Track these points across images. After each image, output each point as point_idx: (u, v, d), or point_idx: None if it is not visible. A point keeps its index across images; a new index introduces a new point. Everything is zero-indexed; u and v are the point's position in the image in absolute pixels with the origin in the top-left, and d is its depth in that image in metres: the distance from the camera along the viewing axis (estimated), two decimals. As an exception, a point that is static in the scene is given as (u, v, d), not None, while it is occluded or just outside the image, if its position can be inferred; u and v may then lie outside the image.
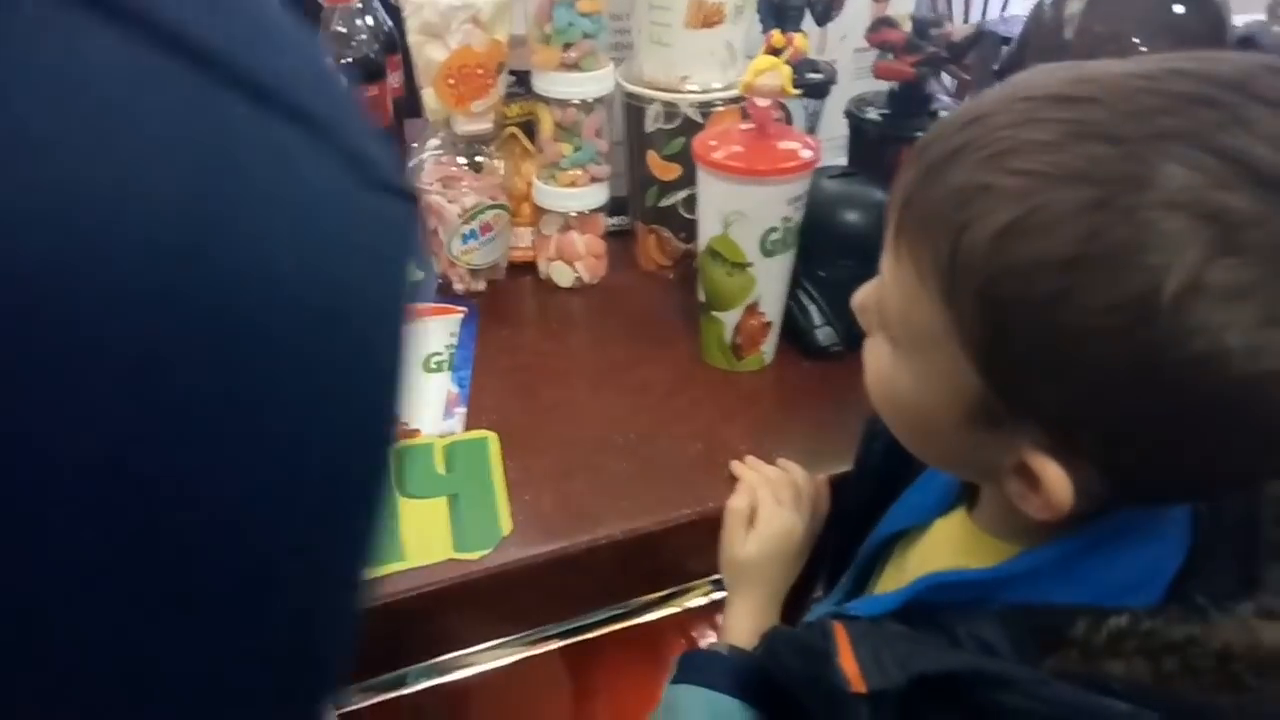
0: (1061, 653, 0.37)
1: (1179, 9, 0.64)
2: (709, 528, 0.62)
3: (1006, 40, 0.81)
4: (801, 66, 0.81)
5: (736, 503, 0.60)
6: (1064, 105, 0.34)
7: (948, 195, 0.35)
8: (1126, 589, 0.39)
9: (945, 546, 0.48)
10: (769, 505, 0.59)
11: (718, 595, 0.69)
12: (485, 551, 0.58)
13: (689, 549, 0.62)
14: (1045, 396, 0.35)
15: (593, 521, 0.60)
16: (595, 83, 0.77)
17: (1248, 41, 0.67)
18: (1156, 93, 0.33)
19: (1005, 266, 0.34)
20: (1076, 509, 0.37)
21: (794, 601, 0.69)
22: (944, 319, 0.37)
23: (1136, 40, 0.65)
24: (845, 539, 0.59)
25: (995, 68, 0.73)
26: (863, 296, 0.45)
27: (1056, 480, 0.36)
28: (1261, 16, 0.71)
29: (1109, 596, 0.39)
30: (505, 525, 0.60)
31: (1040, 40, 0.69)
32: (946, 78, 0.82)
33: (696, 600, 0.69)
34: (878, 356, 0.43)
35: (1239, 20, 0.68)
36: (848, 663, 0.39)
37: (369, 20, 0.88)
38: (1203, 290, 0.31)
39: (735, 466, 0.63)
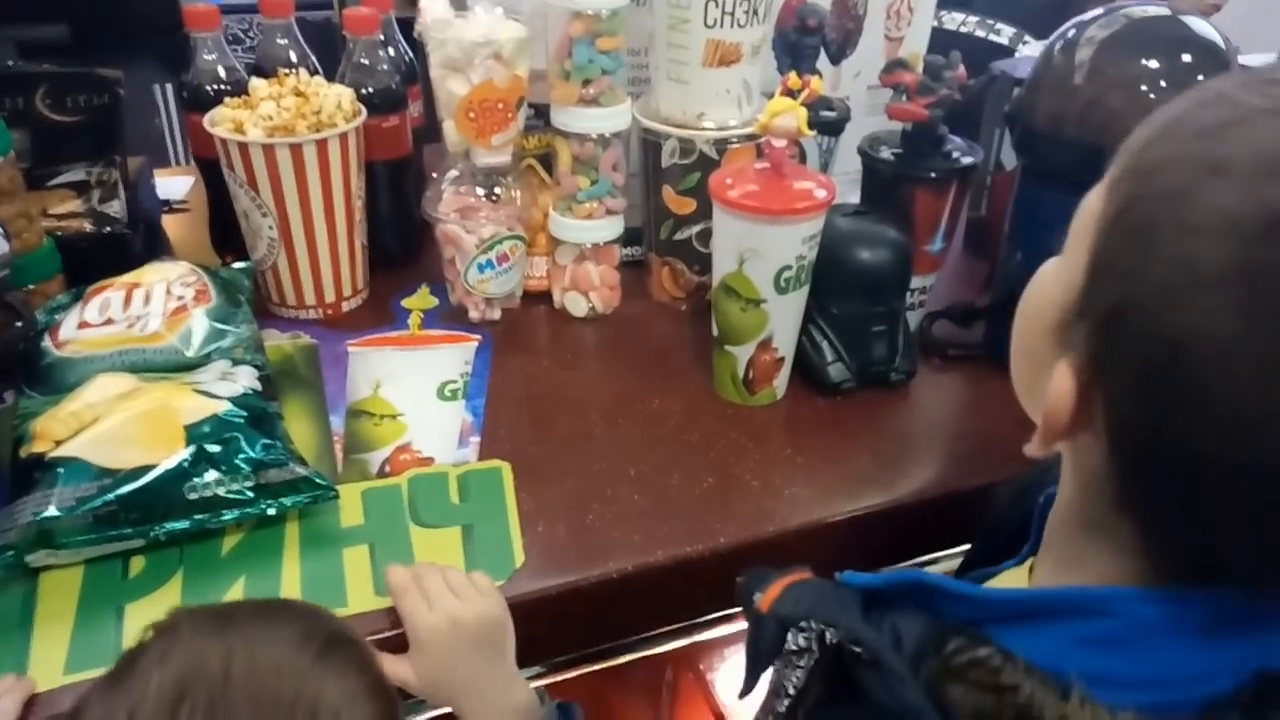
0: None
1: (1186, 57, 0.65)
2: (719, 563, 0.62)
3: (1019, 82, 0.83)
4: (816, 105, 0.82)
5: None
6: None
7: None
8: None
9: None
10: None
11: (725, 630, 0.70)
12: (499, 582, 0.58)
13: (700, 584, 0.63)
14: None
15: (604, 555, 0.61)
16: (613, 118, 0.78)
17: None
18: None
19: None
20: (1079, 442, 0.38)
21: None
22: (1098, 207, 0.37)
23: (1144, 88, 0.66)
24: None
25: (1006, 109, 0.74)
26: None
27: (1062, 385, 0.36)
28: (1270, 57, 0.72)
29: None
30: (519, 556, 0.60)
31: (1051, 83, 0.70)
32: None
33: (704, 634, 0.69)
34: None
35: (1247, 60, 0.68)
36: (772, 591, 0.45)
37: (390, 51, 0.90)
38: None
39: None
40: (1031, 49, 0.91)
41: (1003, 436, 0.70)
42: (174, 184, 1.08)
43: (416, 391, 0.76)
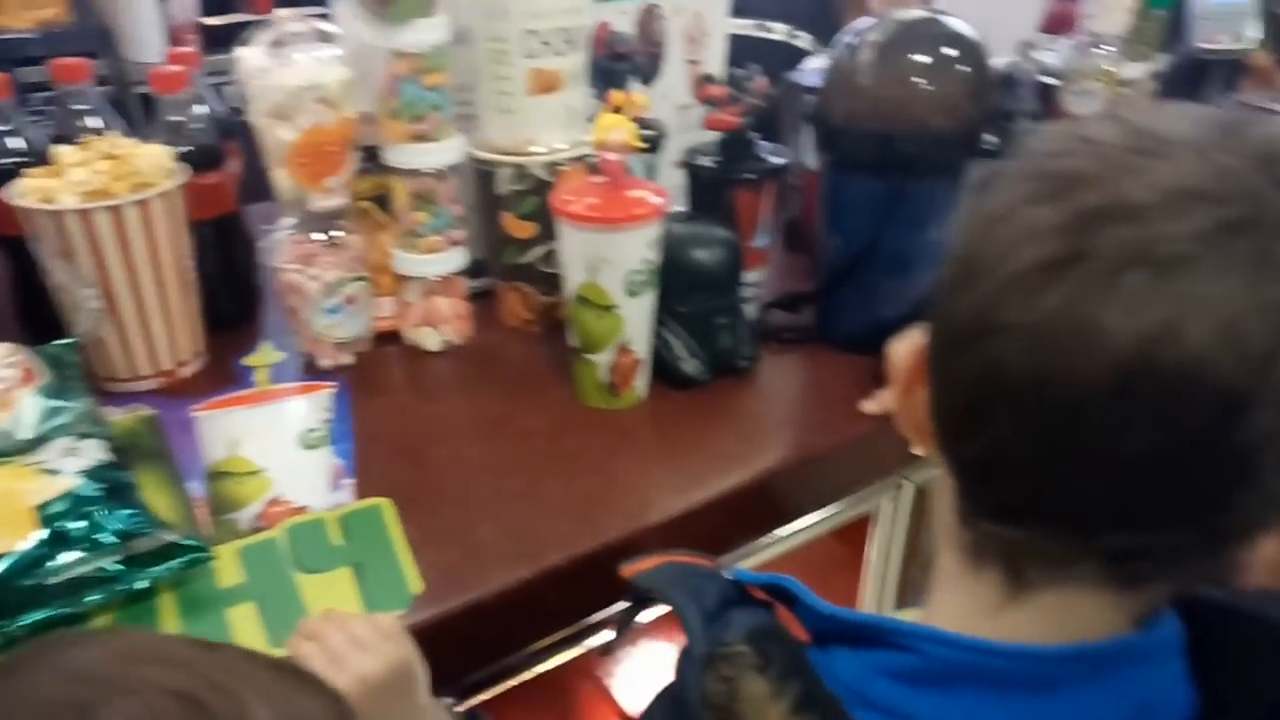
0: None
1: (950, 51, 0.75)
2: (612, 557, 0.64)
3: (809, 89, 0.91)
4: (637, 125, 0.88)
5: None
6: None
7: None
8: None
9: None
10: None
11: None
12: (400, 611, 0.58)
13: (596, 580, 0.65)
14: None
15: (501, 567, 0.62)
16: (447, 152, 0.80)
17: (1009, 80, 0.79)
18: None
19: None
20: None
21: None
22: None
23: (917, 80, 0.76)
24: None
25: (806, 112, 0.82)
26: None
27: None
28: (1013, 57, 0.84)
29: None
30: (415, 584, 0.60)
31: (841, 85, 0.79)
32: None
33: (598, 639, 0.71)
34: None
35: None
36: (644, 563, 0.50)
37: (203, 108, 0.88)
38: None
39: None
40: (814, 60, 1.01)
41: (842, 400, 0.78)
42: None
43: (277, 445, 0.73)
